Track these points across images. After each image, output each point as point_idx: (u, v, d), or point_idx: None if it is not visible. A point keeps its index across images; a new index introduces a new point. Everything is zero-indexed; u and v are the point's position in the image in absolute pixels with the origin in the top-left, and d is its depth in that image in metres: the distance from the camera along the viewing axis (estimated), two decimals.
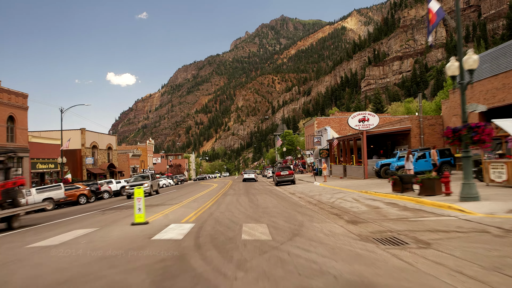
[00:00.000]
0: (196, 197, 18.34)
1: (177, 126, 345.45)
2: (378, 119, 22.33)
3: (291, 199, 14.48)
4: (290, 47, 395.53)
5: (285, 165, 27.76)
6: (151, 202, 17.39)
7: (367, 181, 20.19)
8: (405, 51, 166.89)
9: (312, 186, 21.53)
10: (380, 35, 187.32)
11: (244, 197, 16.62)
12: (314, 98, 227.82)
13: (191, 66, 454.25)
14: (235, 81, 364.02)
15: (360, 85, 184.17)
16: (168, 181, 43.75)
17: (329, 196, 13.90)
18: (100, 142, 39.65)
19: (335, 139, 25.93)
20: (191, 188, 31.69)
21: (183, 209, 12.67)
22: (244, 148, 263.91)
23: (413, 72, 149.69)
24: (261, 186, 26.26)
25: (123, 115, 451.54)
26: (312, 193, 16.40)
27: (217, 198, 16.65)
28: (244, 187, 26.89)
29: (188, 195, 20.60)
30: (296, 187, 21.90)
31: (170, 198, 19.17)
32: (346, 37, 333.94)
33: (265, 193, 18.54)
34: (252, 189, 22.83)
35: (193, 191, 24.63)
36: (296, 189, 20.24)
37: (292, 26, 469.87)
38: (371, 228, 6.71)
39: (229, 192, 21.59)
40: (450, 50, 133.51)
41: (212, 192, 22.55)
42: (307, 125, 48.93)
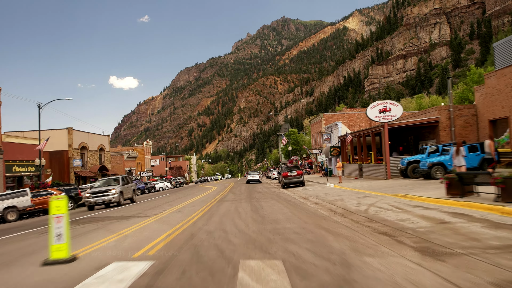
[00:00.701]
0: (185, 204, 15.19)
1: (180, 129, 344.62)
2: (402, 109, 19.07)
3: (306, 206, 11.30)
4: (292, 48, 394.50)
5: (293, 165, 24.43)
6: (121, 213, 13.82)
7: (392, 182, 16.94)
8: (409, 50, 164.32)
9: (326, 188, 18.33)
10: (383, 34, 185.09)
11: (245, 203, 13.52)
12: (317, 98, 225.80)
13: (192, 68, 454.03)
14: (237, 82, 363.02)
15: (364, 84, 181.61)
16: (166, 184, 40.74)
17: (354, 202, 10.71)
18: (91, 143, 36.65)
19: (348, 134, 22.72)
20: (187, 191, 28.49)
21: (157, 225, 9.28)
22: (247, 149, 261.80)
23: (418, 71, 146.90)
24: (265, 189, 23.06)
25: (125, 118, 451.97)
26: (330, 197, 13.21)
27: (211, 206, 13.56)
28: (246, 190, 23.73)
29: (177, 202, 17.43)
30: (307, 189, 18.69)
31: (151, 207, 15.47)
32: (348, 37, 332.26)
33: (271, 198, 15.45)
34: (256, 193, 19.72)
35: (185, 196, 21.52)
36: (308, 192, 17.05)
37: (294, 27, 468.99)
38: (482, 271, 3.52)
39: (228, 196, 18.42)
40: (455, 48, 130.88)
41: (208, 197, 19.41)
42: (314, 122, 45.66)
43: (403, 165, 17.82)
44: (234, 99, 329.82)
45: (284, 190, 20.09)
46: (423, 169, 15.89)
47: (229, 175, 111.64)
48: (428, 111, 21.18)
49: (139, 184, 32.56)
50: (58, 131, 31.51)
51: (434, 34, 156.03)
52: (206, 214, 10.63)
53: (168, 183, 41.90)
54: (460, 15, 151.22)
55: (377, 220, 7.18)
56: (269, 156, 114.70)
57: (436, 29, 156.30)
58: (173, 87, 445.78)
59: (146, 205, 17.26)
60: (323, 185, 20.67)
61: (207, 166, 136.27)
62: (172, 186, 45.82)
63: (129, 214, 12.86)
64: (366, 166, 22.33)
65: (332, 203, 11.15)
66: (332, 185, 19.42)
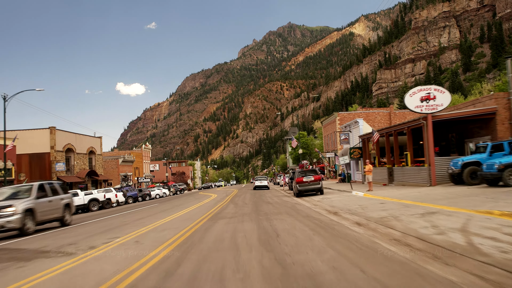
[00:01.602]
0: (158, 224, 10.57)
1: (186, 135, 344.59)
2: (450, 96, 14.97)
3: (346, 229, 7.29)
4: (298, 54, 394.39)
5: (309, 168, 20.22)
6: (31, 245, 8.58)
7: (445, 190, 12.78)
8: (418, 53, 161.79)
9: (355, 198, 14.22)
10: (390, 38, 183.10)
11: (249, 223, 9.32)
12: (323, 103, 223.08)
13: (199, 74, 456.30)
14: (243, 88, 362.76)
15: (372, 89, 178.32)
16: (163, 191, 36.98)
17: (423, 224, 6.67)
18: (78, 145, 32.94)
19: (375, 132, 18.64)
20: (181, 200, 24.38)
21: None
22: (253, 155, 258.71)
23: (427, 75, 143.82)
24: (276, 198, 19.03)
25: (131, 124, 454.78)
26: (372, 212, 9.12)
27: (196, 228, 9.01)
28: (252, 199, 19.69)
29: (153, 218, 12.82)
30: (330, 199, 14.58)
31: (101, 231, 10.35)
32: (355, 43, 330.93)
33: (286, 213, 11.43)
34: (264, 204, 15.64)
35: (173, 208, 17.18)
36: (333, 203, 12.99)
37: (300, 33, 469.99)
38: None
39: (227, 209, 14.07)
40: (465, 51, 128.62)
41: (201, 209, 15.02)
42: (326, 123, 41.46)
43: (456, 168, 13.64)
44: (240, 105, 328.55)
45: (299, 200, 16.04)
46: (490, 173, 11.70)
47: (234, 181, 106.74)
48: (478, 101, 16.94)
49: (131, 191, 28.94)
50: (39, 131, 27.96)
51: (444, 37, 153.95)
52: (176, 251, 6.09)
53: (166, 189, 38.10)
54: (469, 18, 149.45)
55: None
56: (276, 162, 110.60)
57: (445, 33, 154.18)
58: (179, 93, 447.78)
59: (96, 227, 11.86)
60: (348, 194, 16.57)
61: (211, 172, 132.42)
62: (172, 193, 42.12)
63: (50, 248, 7.66)
64: (399, 170, 18.15)
65: (385, 225, 7.08)
66: (360, 194, 15.29)
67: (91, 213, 20.63)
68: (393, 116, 35.04)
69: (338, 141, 35.12)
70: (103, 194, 22.59)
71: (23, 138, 26.50)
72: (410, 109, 15.21)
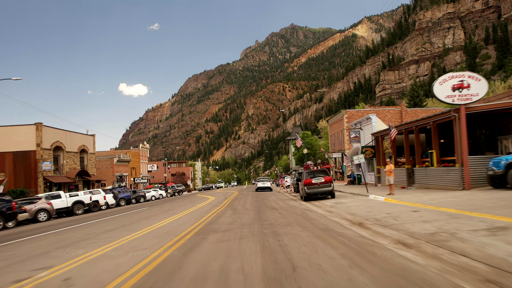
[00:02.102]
0: (129, 239, 8.24)
1: (187, 135, 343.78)
2: (487, 85, 12.73)
3: (389, 253, 5.12)
4: (301, 55, 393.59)
5: (318, 169, 17.89)
6: None
7: (486, 195, 10.56)
8: (422, 55, 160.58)
9: (376, 203, 12.01)
10: (394, 40, 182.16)
11: (250, 241, 6.87)
12: (326, 104, 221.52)
13: (201, 75, 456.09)
14: (245, 89, 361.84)
15: (375, 90, 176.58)
16: (160, 192, 34.89)
17: (508, 248, 4.39)
18: (69, 143, 30.75)
19: (393, 128, 16.44)
20: (174, 204, 22.01)
21: None
22: (255, 156, 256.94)
23: (431, 76, 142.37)
24: (281, 202, 16.80)
25: (133, 125, 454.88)
26: (412, 226, 6.93)
27: (175, 249, 6.57)
28: (253, 203, 17.45)
29: (130, 228, 10.60)
30: (346, 204, 12.41)
31: (43, 251, 7.83)
32: (357, 44, 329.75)
33: (297, 223, 9.12)
34: (268, 209, 13.43)
35: (159, 214, 14.84)
36: (351, 209, 10.81)
37: (302, 35, 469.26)
38: None
39: (222, 218, 11.56)
40: (470, 53, 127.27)
41: (191, 217, 12.50)
42: (332, 121, 39.18)
43: (498, 169, 11.39)
44: (242, 106, 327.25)
45: (308, 205, 13.84)
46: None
47: (235, 182, 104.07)
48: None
49: (124, 192, 26.88)
50: (23, 127, 25.80)
51: (448, 38, 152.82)
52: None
53: (163, 191, 35.99)
54: (474, 19, 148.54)
55: None
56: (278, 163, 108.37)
57: (449, 34, 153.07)
58: (181, 93, 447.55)
59: (40, 245, 8.99)
60: (364, 198, 14.36)
61: (212, 173, 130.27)
62: (169, 195, 40.06)
63: None
64: (421, 171, 15.90)
65: (446, 248, 4.89)
66: (380, 198, 13.07)
67: (74, 218, 18.49)
68: (404, 114, 32.77)
69: (346, 140, 32.90)
70: (89, 196, 20.50)
71: (7, 135, 24.56)
72: (440, 100, 12.98)
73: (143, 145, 58.56)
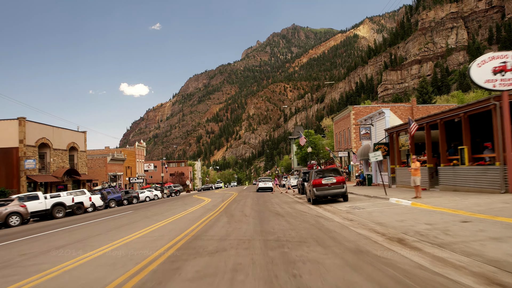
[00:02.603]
0: (64, 269, 5.86)
1: (188, 135, 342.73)
2: None
3: None
4: (302, 56, 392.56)
5: (328, 168, 15.57)
6: None
7: None
8: (424, 54, 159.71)
9: (403, 209, 10.08)
10: (396, 40, 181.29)
11: (246, 279, 4.34)
12: (327, 104, 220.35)
13: (202, 75, 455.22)
14: (246, 89, 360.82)
15: (377, 90, 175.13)
16: (154, 193, 32.88)
17: None
18: (56, 140, 28.73)
19: (413, 122, 14.37)
20: (164, 207, 19.64)
21: None
22: (256, 157, 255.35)
23: (434, 76, 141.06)
24: (286, 206, 14.76)
25: (134, 125, 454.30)
26: (484, 246, 5.29)
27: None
28: (254, 207, 15.51)
29: (89, 243, 8.72)
30: (365, 210, 10.45)
31: None
32: (359, 45, 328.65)
33: (313, 238, 6.93)
34: (272, 216, 11.36)
35: (141, 220, 12.81)
36: (374, 216, 8.91)
37: (304, 35, 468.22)
38: None
39: (214, 229, 9.14)
40: (473, 53, 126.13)
41: (175, 226, 10.23)
42: (338, 118, 37.12)
43: None
44: (243, 106, 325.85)
45: (319, 209, 11.86)
46: None
47: (235, 182, 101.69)
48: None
49: (114, 193, 24.92)
50: (5, 122, 23.90)
51: (451, 38, 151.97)
52: None
53: (158, 191, 33.95)
54: (478, 19, 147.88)
55: None
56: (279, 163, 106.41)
57: (453, 34, 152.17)
58: (182, 93, 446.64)
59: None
60: (384, 201, 12.39)
61: (212, 173, 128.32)
62: (165, 195, 38.08)
63: None
64: (449, 170, 13.90)
65: None
66: (405, 202, 11.05)
67: (52, 222, 16.54)
68: (415, 111, 30.72)
69: (353, 138, 30.87)
70: (71, 198, 18.51)
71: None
72: (478, 85, 10.97)
73: (139, 144, 56.49)
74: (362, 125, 23.20)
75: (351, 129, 30.50)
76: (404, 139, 17.72)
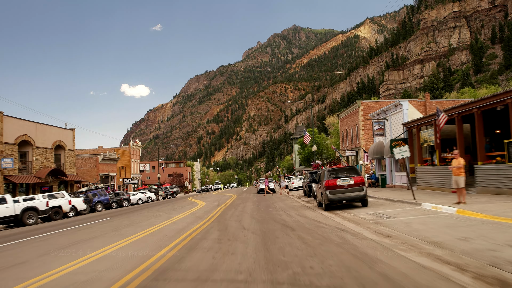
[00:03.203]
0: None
1: (188, 136, 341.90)
2: None
3: None
4: (303, 56, 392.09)
5: (345, 166, 12.88)
6: None
7: None
8: (426, 54, 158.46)
9: (447, 218, 7.85)
10: (398, 39, 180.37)
11: None
12: (329, 105, 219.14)
13: (202, 76, 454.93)
14: (247, 90, 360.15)
15: (379, 90, 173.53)
16: (148, 194, 30.64)
17: None
18: (40, 137, 26.53)
19: (442, 113, 12.06)
20: (144, 214, 16.33)
21: None
22: (256, 158, 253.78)
23: (436, 75, 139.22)
24: (293, 212, 12.36)
25: (135, 126, 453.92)
26: None
27: None
28: (254, 215, 12.81)
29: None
30: (398, 220, 8.18)
31: None
32: (360, 45, 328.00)
33: (355, 280, 4.06)
34: (278, 230, 8.62)
35: (103, 235, 10.01)
36: (417, 230, 6.85)
37: (304, 36, 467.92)
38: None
39: (196, 253, 6.39)
40: (476, 52, 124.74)
41: (138, 250, 7.21)
42: (344, 115, 34.79)
43: None
44: (243, 106, 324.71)
45: (337, 218, 9.57)
46: None
47: (234, 183, 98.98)
48: None
49: (101, 195, 22.72)
50: None
51: (454, 38, 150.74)
52: None
53: (153, 193, 31.68)
54: (480, 18, 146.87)
55: None
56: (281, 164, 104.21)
57: (455, 33, 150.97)
58: (182, 94, 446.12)
59: None
60: (415, 207, 10.15)
61: (212, 174, 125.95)
62: (161, 197, 35.86)
63: None
64: (490, 169, 11.66)
65: None
66: (447, 209, 8.82)
67: (18, 230, 14.18)
68: (429, 106, 28.36)
69: (362, 136, 28.60)
70: (45, 201, 16.18)
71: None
72: None
73: (134, 143, 54.18)
74: (375, 120, 20.80)
75: (360, 126, 28.22)
76: (427, 134, 15.43)
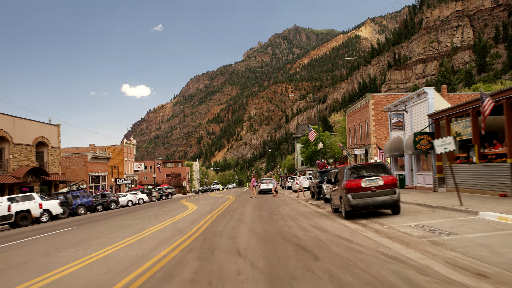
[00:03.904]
0: None
1: (189, 136, 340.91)
2: None
3: None
4: (303, 57, 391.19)
5: (371, 163, 9.96)
6: None
7: None
8: (429, 54, 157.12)
9: None
10: (399, 39, 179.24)
11: None
12: (330, 105, 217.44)
13: (203, 76, 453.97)
14: (247, 90, 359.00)
15: (380, 90, 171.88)
16: (139, 196, 28.30)
17: None
18: (18, 133, 24.02)
19: (487, 98, 9.55)
20: (115, 223, 13.26)
21: None
22: (257, 158, 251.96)
23: (439, 75, 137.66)
24: (306, 222, 9.58)
25: (135, 126, 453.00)
26: None
27: None
28: (254, 226, 9.59)
29: None
30: (476, 243, 5.35)
31: None
32: (361, 46, 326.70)
33: None
34: (293, 257, 5.37)
35: (32, 261, 6.88)
36: (505, 257, 3.92)
37: (305, 36, 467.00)
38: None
39: None
40: (479, 52, 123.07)
41: None
42: (352, 111, 32.36)
43: None
44: (244, 106, 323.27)
45: (368, 233, 6.86)
46: None
47: (234, 184, 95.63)
48: None
49: (84, 197, 20.42)
50: None
51: (456, 37, 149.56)
52: None
53: (145, 195, 29.32)
54: (483, 17, 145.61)
55: None
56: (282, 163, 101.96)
57: (458, 32, 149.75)
58: (183, 94, 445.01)
59: None
60: (468, 216, 7.80)
61: (211, 174, 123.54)
62: (155, 198, 33.53)
63: None
64: None
65: None
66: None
67: None
68: (446, 99, 25.91)
69: (372, 132, 26.23)
70: (6, 205, 13.79)
71: None
72: None
73: (128, 141, 51.74)
74: (392, 112, 18.13)
75: (370, 121, 25.78)
76: (460, 126, 12.97)
